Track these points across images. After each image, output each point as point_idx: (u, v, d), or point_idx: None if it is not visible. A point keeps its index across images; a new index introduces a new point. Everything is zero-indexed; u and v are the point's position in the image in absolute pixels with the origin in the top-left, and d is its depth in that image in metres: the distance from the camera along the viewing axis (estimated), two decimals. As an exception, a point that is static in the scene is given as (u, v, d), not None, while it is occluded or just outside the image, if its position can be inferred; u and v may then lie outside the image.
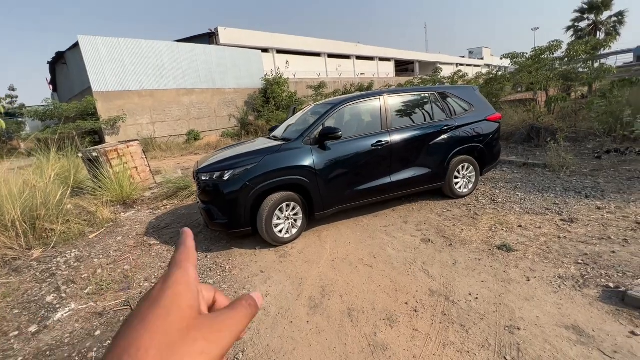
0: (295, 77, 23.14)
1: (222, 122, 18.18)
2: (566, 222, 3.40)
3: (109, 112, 14.12)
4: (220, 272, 3.09)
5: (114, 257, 3.66)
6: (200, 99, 17.34)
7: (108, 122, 14.02)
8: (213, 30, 20.97)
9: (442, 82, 15.11)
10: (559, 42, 9.18)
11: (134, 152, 6.71)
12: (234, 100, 18.75)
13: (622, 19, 24.19)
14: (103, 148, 6.25)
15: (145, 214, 5.18)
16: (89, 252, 3.83)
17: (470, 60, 48.04)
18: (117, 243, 4.06)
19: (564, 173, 5.04)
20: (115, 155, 6.33)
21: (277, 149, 3.47)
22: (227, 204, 3.29)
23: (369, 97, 3.99)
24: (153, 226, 4.53)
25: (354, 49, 30.20)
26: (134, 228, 4.54)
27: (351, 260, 3.08)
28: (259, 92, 19.58)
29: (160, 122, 15.96)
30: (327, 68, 27.73)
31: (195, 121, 17.20)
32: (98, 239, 4.25)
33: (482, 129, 4.39)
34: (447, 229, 3.53)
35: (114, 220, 4.84)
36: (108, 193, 5.51)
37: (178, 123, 16.59)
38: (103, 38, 13.98)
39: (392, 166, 3.89)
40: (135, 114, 15.04)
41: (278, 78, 19.11)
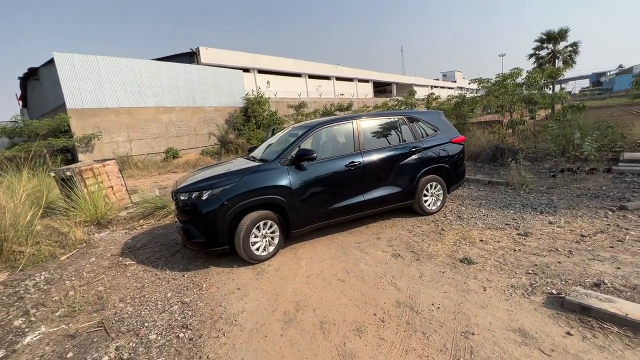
0: (276, 96, 23.61)
1: (201, 140, 18.14)
2: (522, 236, 3.73)
3: (83, 130, 13.82)
4: (197, 291, 3.15)
5: (87, 278, 3.63)
6: (179, 117, 17.30)
7: (82, 140, 13.70)
8: (194, 49, 21.25)
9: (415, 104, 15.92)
10: (519, 70, 10.01)
11: (109, 171, 6.65)
12: (214, 119, 18.83)
13: (577, 48, 26.55)
14: (77, 167, 6.17)
15: (121, 234, 5.13)
16: (60, 274, 3.77)
17: (443, 82, 50.70)
18: (91, 264, 4.01)
19: (523, 190, 5.47)
20: (91, 175, 6.26)
21: (255, 170, 3.64)
22: (205, 223, 3.39)
23: (343, 120, 4.27)
24: (129, 246, 4.50)
25: (333, 70, 31.26)
26: (108, 249, 4.50)
27: (325, 275, 3.23)
28: (240, 111, 19.79)
29: (138, 139, 15.75)
30: (308, 88, 28.47)
31: (174, 139, 17.08)
32: (70, 261, 4.18)
33: (448, 150, 4.75)
34: (416, 244, 3.77)
35: (87, 241, 4.76)
36: (81, 213, 5.42)
37: (156, 141, 16.41)
38: (80, 55, 13.87)
39: (365, 185, 4.14)
40: (112, 131, 14.79)
41: (259, 97, 19.45)
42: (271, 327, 2.49)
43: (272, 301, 2.85)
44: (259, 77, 24.30)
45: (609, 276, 2.69)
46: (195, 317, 2.71)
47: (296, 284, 3.12)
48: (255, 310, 2.73)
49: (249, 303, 2.85)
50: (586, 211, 4.28)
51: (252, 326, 2.51)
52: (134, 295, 3.16)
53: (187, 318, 2.70)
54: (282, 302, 2.82)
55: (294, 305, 2.75)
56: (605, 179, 5.54)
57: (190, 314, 2.75)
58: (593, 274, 2.76)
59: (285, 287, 3.07)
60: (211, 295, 3.05)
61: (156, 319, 2.73)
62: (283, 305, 2.76)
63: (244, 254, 3.49)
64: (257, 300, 2.89)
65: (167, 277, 3.51)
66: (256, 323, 2.55)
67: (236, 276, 3.39)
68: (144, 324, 2.67)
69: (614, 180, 5.43)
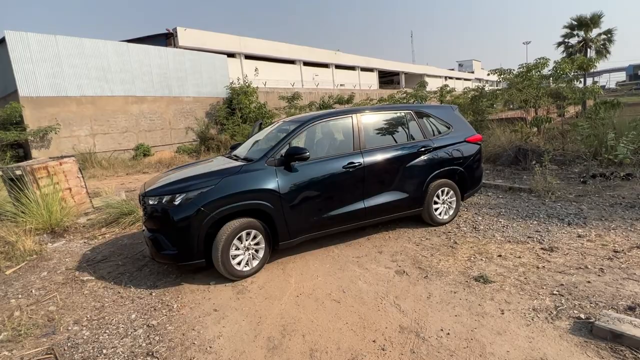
0: (266, 86, 23.64)
1: (178, 136, 18.08)
2: (546, 251, 3.74)
3: (39, 122, 13.72)
4: (166, 312, 3.11)
5: (36, 296, 3.58)
6: (152, 109, 17.25)
7: (36, 134, 13.59)
8: (171, 30, 21.27)
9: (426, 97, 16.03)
10: (545, 60, 10.12)
11: (67, 170, 6.60)
12: (192, 111, 18.79)
13: (612, 37, 26.98)
14: (29, 165, 6.11)
15: (79, 244, 5.08)
16: (4, 292, 3.71)
17: (459, 73, 51.15)
18: (42, 279, 3.96)
19: (549, 198, 5.51)
20: (45, 174, 6.20)
21: (237, 170, 3.62)
22: (178, 233, 3.36)
23: (342, 114, 4.28)
24: (87, 259, 4.45)
25: (333, 57, 31.41)
26: (63, 261, 4.44)
27: (318, 295, 3.21)
28: (223, 102, 19.79)
29: (103, 134, 15.67)
30: (303, 77, 28.57)
31: (146, 134, 17.01)
32: (17, 275, 4.12)
33: (462, 151, 4.77)
34: (424, 260, 3.77)
35: (38, 253, 4.70)
36: (32, 219, 5.35)
37: (124, 136, 16.34)
38: (36, 34, 13.81)
39: (366, 190, 4.13)
40: (72, 124, 14.70)
41: (246, 87, 19.46)
42: (252, 355, 2.46)
43: (255, 325, 2.82)
44: (246, 63, 24.34)
45: (646, 298, 2.70)
46: (164, 342, 2.67)
47: (283, 304, 3.09)
48: (234, 335, 2.70)
49: (227, 327, 2.82)
50: (620, 223, 4.31)
51: (229, 354, 2.48)
52: (91, 317, 3.12)
53: (153, 344, 2.66)
54: (266, 326, 2.79)
55: (279, 330, 2.72)
56: (642, 186, 5.60)
57: (157, 339, 2.71)
58: (627, 296, 2.77)
59: (271, 308, 3.05)
60: (183, 317, 3.02)
61: (117, 344, 2.69)
62: (267, 330, 2.73)
63: (222, 269, 3.46)
64: (237, 323, 2.86)
65: (132, 295, 3.46)
66: (235, 351, 2.52)
67: (213, 295, 3.35)
68: (102, 350, 2.62)
69: (653, 187, 5.49)
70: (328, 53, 30.96)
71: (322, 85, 29.39)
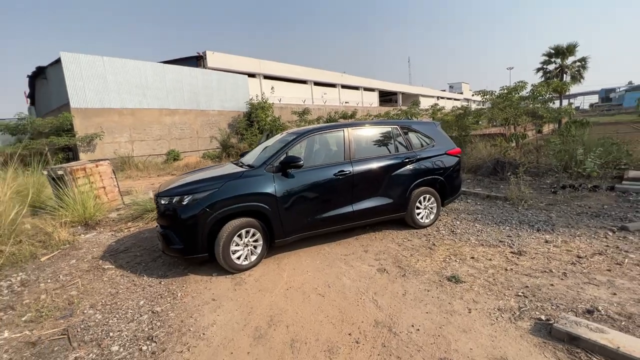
0: (281, 102, 23.71)
1: (203, 144, 18.19)
2: (515, 254, 3.56)
3: (86, 129, 13.92)
4: (170, 300, 3.03)
5: (63, 281, 3.53)
6: (182, 120, 17.39)
7: (84, 139, 13.78)
8: (201, 53, 21.46)
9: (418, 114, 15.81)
10: (524, 83, 9.89)
11: (103, 171, 6.61)
12: (217, 122, 18.90)
13: (585, 64, 26.39)
14: (70, 166, 6.14)
15: (107, 236, 5.05)
16: (36, 276, 3.68)
17: (450, 94, 50.63)
18: (70, 266, 3.92)
19: (522, 206, 5.30)
20: (82, 174, 6.22)
21: (239, 175, 3.54)
22: (185, 230, 3.28)
23: (334, 128, 4.17)
24: (112, 249, 4.41)
25: (339, 78, 31.37)
26: (90, 251, 4.41)
27: (305, 289, 3.09)
28: (243, 116, 19.87)
29: (140, 140, 15.83)
30: (313, 95, 28.56)
31: (176, 141, 17.14)
32: (50, 262, 4.09)
33: (443, 162, 4.62)
34: (404, 259, 3.62)
35: (71, 242, 4.69)
36: (69, 213, 5.35)
37: (158, 142, 16.48)
38: (86, 55, 14.05)
39: (354, 195, 4.01)
40: (114, 131, 14.88)
41: (263, 103, 19.52)
42: (239, 342, 2.35)
43: (246, 314, 2.72)
44: (264, 82, 24.42)
45: (604, 302, 2.52)
46: (163, 328, 2.59)
47: (274, 296, 2.98)
48: (226, 323, 2.60)
49: (222, 315, 2.72)
50: (585, 230, 4.10)
51: (219, 341, 2.38)
52: (105, 302, 3.05)
53: (154, 329, 2.58)
54: (255, 316, 2.69)
55: (267, 320, 2.61)
56: (607, 197, 5.35)
57: (158, 325, 2.63)
58: (587, 300, 2.59)
59: (262, 299, 2.94)
60: (184, 305, 2.93)
61: (123, 328, 2.61)
62: (256, 320, 2.63)
63: (223, 263, 3.37)
64: (230, 312, 2.76)
65: (144, 283, 3.40)
66: (224, 338, 2.42)
67: (214, 285, 3.26)
68: (109, 333, 2.55)
69: (617, 199, 5.23)
70: (335, 75, 30.92)
71: (330, 102, 29.35)
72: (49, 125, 13.38)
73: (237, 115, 19.77)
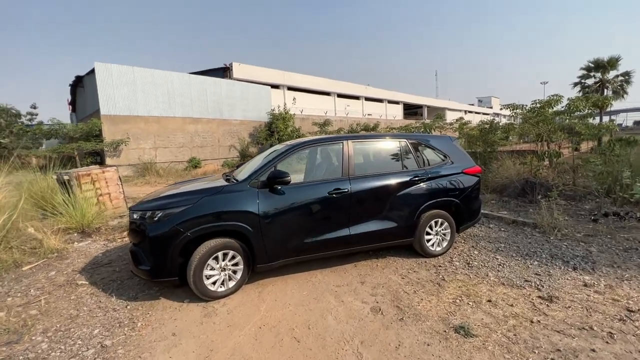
0: (302, 113, 23.59)
1: (224, 152, 18.29)
2: (544, 300, 2.87)
3: (113, 135, 14.33)
4: (127, 331, 2.63)
5: (31, 296, 3.25)
6: (205, 128, 17.61)
7: (111, 145, 14.18)
8: (228, 65, 21.88)
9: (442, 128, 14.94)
10: (559, 97, 8.96)
11: (109, 177, 6.50)
12: (239, 132, 19.00)
13: (629, 78, 24.30)
14: (76, 171, 6.07)
15: (99, 245, 4.82)
16: (9, 288, 3.43)
17: (478, 108, 48.68)
18: (46, 279, 3.66)
19: (554, 236, 4.51)
20: (88, 180, 6.13)
21: (218, 190, 3.14)
22: (152, 248, 2.90)
23: (332, 140, 3.70)
24: (95, 262, 4.14)
25: (363, 90, 30.97)
26: (75, 262, 4.16)
27: (280, 329, 2.59)
28: (265, 126, 19.88)
29: (163, 147, 16.12)
30: (336, 107, 28.30)
31: (198, 149, 17.34)
32: (31, 272, 3.86)
33: (458, 182, 3.99)
34: (405, 297, 3.02)
35: (59, 251, 4.47)
36: (67, 219, 5.20)
37: (180, 150, 16.73)
38: (118, 65, 14.58)
39: (351, 217, 3.48)
40: (139, 138, 15.24)
41: (284, 113, 19.43)
42: (181, 401, 1.89)
43: (202, 359, 2.25)
44: (288, 93, 24.48)
45: (670, 387, 1.82)
46: (104, 370, 2.18)
47: (242, 336, 2.50)
48: (175, 370, 2.15)
49: (174, 357, 2.27)
50: (636, 273, 3.30)
51: (158, 397, 1.93)
52: (60, 327, 2.70)
53: (93, 370, 2.17)
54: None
55: (224, 370, 2.13)
56: (662, 230, 4.45)
57: (100, 365, 2.22)
58: (644, 380, 1.90)
59: (228, 339, 2.47)
60: (139, 339, 2.51)
61: (60, 365, 2.23)
62: (211, 368, 2.15)
63: (194, 289, 2.94)
64: (185, 355, 2.30)
65: (109, 306, 3.03)
66: (165, 392, 1.96)
67: (181, 315, 2.83)
68: (42, 371, 2.17)
69: (675, 233, 4.33)
70: (359, 87, 30.57)
71: (353, 114, 28.94)
72: (79, 130, 13.91)
73: (259, 125, 19.80)
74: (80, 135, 14.17)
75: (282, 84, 24.23)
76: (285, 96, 24.09)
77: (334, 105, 28.10)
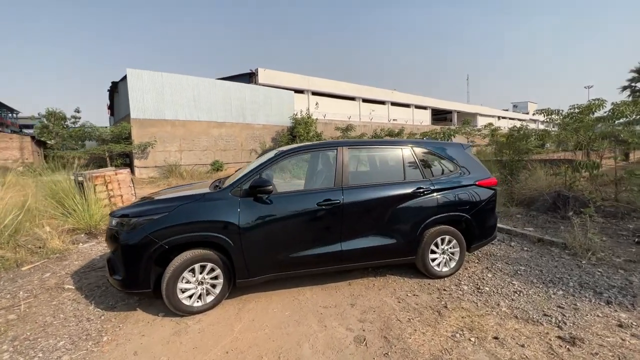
0: (325, 118, 23.43)
1: (246, 156, 18.49)
2: (565, 342, 2.37)
3: (141, 138, 14.93)
4: (92, 345, 2.47)
5: (17, 299, 3.23)
6: (229, 132, 17.93)
7: (139, 147, 14.77)
8: (253, 70, 22.26)
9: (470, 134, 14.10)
10: (602, 101, 8.03)
11: (121, 179, 6.62)
12: (261, 136, 19.17)
13: (689, 80, 21.78)
14: (90, 173, 6.22)
15: (102, 247, 4.83)
16: (1, 289, 3.45)
17: (513, 113, 46.00)
18: (39, 281, 3.66)
19: (587, 259, 3.89)
20: (101, 182, 6.26)
21: (197, 198, 2.94)
22: (124, 258, 2.75)
23: (325, 147, 3.41)
24: (90, 265, 4.11)
25: (389, 95, 30.33)
26: (72, 264, 4.16)
27: (248, 356, 2.31)
28: (287, 130, 19.92)
29: (188, 150, 16.57)
30: (361, 112, 27.90)
31: (221, 152, 17.66)
32: (28, 273, 3.89)
33: (470, 195, 3.53)
34: (397, 326, 2.64)
35: (62, 252, 4.52)
36: (73, 220, 5.29)
37: (204, 153, 17.12)
38: (148, 71, 15.22)
39: (344, 231, 3.16)
40: (166, 141, 15.77)
41: (306, 118, 19.36)
42: None
43: (154, 387, 2.03)
44: (312, 98, 24.46)
45: None
46: (50, 391, 2.02)
47: (204, 362, 2.26)
48: (120, 399, 1.94)
49: (125, 383, 2.07)
50: (689, 314, 2.69)
51: None
52: (29, 336, 2.61)
53: (40, 390, 2.02)
54: (163, 392, 1.99)
55: (171, 404, 1.90)
56: None
57: (49, 384, 2.07)
58: None
59: (188, 364, 2.24)
60: (98, 356, 2.35)
61: (11, 381, 2.10)
62: (158, 400, 1.92)
63: (167, 303, 2.75)
64: (138, 380, 2.10)
65: (84, 315, 2.92)
66: None
67: (150, 331, 2.65)
68: (-10, 387, 2.06)
69: None
70: (385, 92, 29.95)
71: (378, 119, 28.38)
72: (110, 133, 14.62)
73: (281, 129, 19.88)
74: (112, 138, 14.89)
75: (306, 88, 24.25)
76: (309, 101, 24.09)
77: (358, 110, 27.71)
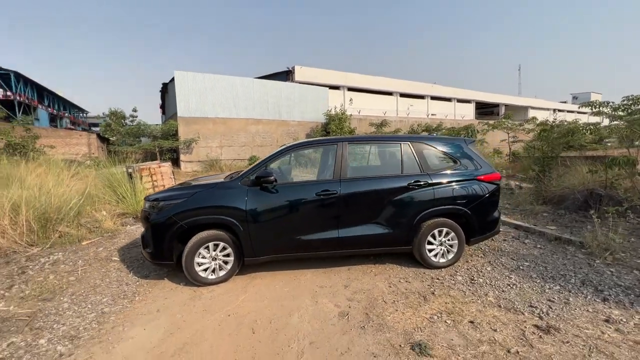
0: (360, 114, 23.43)
1: (281, 151, 19.23)
2: (540, 330, 2.46)
3: (186, 135, 16.30)
4: (126, 302, 3.08)
5: (77, 266, 4.00)
6: (265, 129, 18.80)
7: (184, 143, 16.14)
8: (290, 68, 22.94)
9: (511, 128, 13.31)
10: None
11: (164, 171, 7.49)
12: (296, 132, 19.80)
13: None
14: (137, 166, 7.14)
15: (144, 229, 5.62)
16: (66, 258, 4.26)
17: (571, 106, 41.80)
18: (94, 253, 4.45)
19: (602, 259, 3.76)
20: (147, 173, 7.16)
21: (212, 186, 3.44)
22: (153, 235, 3.33)
23: (327, 142, 3.71)
24: (133, 243, 4.86)
25: (429, 89, 29.34)
26: (120, 241, 4.94)
27: (245, 320, 2.74)
28: (321, 127, 20.32)
29: (228, 146, 17.71)
30: (398, 107, 27.40)
31: (258, 148, 18.59)
32: (87, 247, 4.72)
33: (470, 189, 3.62)
34: (381, 306, 2.90)
35: (113, 231, 5.36)
36: (123, 206, 6.19)
37: (243, 149, 18.17)
38: (193, 73, 16.52)
39: (341, 220, 3.46)
40: (208, 137, 17.02)
41: (340, 114, 19.58)
42: (133, 367, 2.18)
43: (167, 335, 2.53)
44: (348, 94, 24.57)
45: None
46: (93, 331, 2.61)
47: (209, 321, 2.73)
48: (141, 341, 2.47)
49: (147, 331, 2.60)
50: (691, 315, 2.59)
51: (121, 357, 2.25)
52: (83, 292, 3.30)
53: (86, 330, 2.62)
54: (173, 339, 2.48)
55: (179, 347, 2.37)
56: None
57: (93, 327, 2.67)
58: None
59: (196, 322, 2.72)
60: (131, 310, 2.93)
61: (67, 323, 2.74)
62: (169, 344, 2.41)
63: (186, 273, 3.29)
64: (157, 329, 2.62)
65: (124, 280, 3.57)
66: (125, 357, 2.27)
67: (172, 295, 3.20)
68: (53, 325, 2.70)
69: None
70: (424, 85, 29.02)
71: (416, 114, 27.65)
72: (159, 130, 16.16)
73: (315, 125, 20.33)
74: (161, 135, 16.45)
75: (342, 85, 24.41)
76: (345, 97, 24.23)
77: (396, 105, 27.24)
